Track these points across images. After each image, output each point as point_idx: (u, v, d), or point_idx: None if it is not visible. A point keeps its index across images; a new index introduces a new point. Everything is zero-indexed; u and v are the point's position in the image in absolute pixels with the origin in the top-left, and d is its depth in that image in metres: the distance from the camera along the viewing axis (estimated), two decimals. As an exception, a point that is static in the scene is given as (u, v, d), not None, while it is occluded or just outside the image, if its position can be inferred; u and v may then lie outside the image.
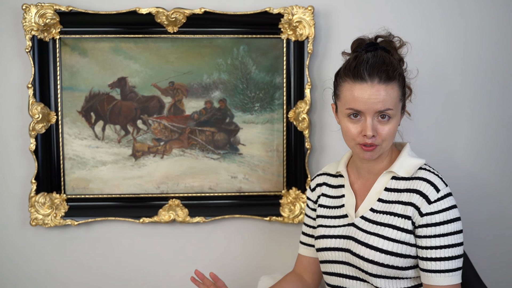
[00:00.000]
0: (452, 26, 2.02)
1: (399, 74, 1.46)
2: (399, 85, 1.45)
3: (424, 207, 1.43)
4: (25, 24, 1.90)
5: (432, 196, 1.43)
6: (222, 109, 2.02)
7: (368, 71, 1.42)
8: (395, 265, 1.44)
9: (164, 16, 1.94)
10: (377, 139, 1.44)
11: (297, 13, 1.94)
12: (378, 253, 1.44)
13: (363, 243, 1.47)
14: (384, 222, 1.47)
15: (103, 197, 2.02)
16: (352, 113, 1.45)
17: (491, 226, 2.08)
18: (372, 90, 1.41)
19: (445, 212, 1.42)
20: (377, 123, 1.44)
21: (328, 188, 1.65)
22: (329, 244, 1.54)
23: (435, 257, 1.41)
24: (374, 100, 1.41)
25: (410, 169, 1.49)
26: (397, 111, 1.46)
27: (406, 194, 1.47)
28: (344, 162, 1.62)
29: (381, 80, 1.42)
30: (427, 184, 1.45)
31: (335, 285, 1.56)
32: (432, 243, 1.42)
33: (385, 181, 1.51)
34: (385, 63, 1.44)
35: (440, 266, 1.41)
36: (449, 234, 1.42)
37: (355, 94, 1.43)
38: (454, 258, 1.41)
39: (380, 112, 1.43)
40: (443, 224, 1.42)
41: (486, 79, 2.03)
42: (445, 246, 1.41)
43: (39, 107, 1.94)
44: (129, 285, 2.08)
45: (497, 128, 2.05)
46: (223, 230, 2.08)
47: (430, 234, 1.42)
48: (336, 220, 1.57)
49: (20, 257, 2.05)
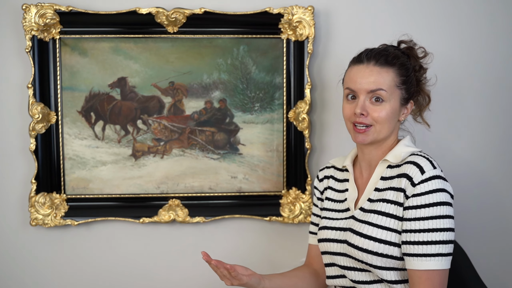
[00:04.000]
0: (452, 25, 2.02)
1: (400, 64, 1.50)
2: (397, 73, 1.49)
3: (409, 189, 1.42)
4: (25, 24, 1.90)
5: (416, 178, 1.42)
6: (222, 109, 2.02)
7: (367, 55, 1.51)
8: (389, 254, 1.43)
9: (164, 16, 1.94)
10: (367, 119, 1.47)
11: (297, 13, 1.94)
12: (372, 242, 1.44)
13: (358, 233, 1.47)
14: (377, 210, 1.47)
15: (103, 197, 2.02)
16: (349, 94, 1.51)
17: (493, 224, 2.09)
18: (366, 70, 1.48)
19: (429, 195, 1.40)
20: (369, 104, 1.48)
21: (334, 182, 1.66)
22: (329, 235, 1.56)
23: (416, 241, 1.38)
24: (366, 79, 1.47)
25: (401, 155, 1.49)
26: (391, 96, 1.47)
27: (396, 179, 1.47)
28: (351, 157, 1.64)
29: (377, 62, 1.48)
30: (413, 166, 1.44)
31: (336, 275, 1.57)
32: (414, 226, 1.39)
33: (381, 171, 1.53)
34: (387, 51, 1.51)
35: (421, 250, 1.38)
36: (432, 218, 1.38)
37: (352, 74, 1.51)
38: (437, 243, 1.37)
39: (372, 92, 1.47)
40: (426, 207, 1.39)
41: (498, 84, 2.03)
42: (428, 230, 1.38)
43: (39, 107, 1.94)
44: (129, 285, 2.08)
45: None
46: (223, 230, 2.08)
47: (413, 216, 1.40)
48: (338, 214, 1.58)
49: (20, 257, 2.05)
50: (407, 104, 1.54)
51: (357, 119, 1.48)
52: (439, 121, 2.00)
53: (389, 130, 1.51)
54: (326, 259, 1.59)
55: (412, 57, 1.57)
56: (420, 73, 1.59)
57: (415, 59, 1.58)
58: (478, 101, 2.04)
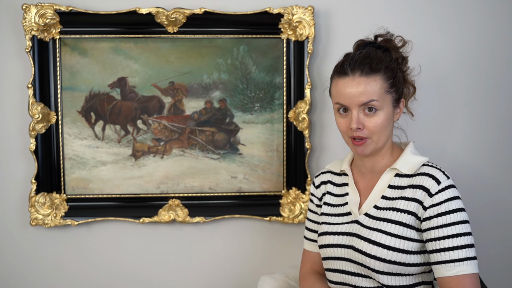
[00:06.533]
0: (452, 24, 2.02)
1: (385, 67, 1.48)
2: (384, 78, 1.47)
3: (427, 200, 1.44)
4: (25, 24, 1.90)
5: (433, 189, 1.44)
6: (222, 109, 2.02)
7: (351, 66, 1.47)
8: (397, 261, 1.44)
9: (164, 16, 1.94)
10: (364, 132, 1.47)
11: (297, 13, 1.94)
12: (381, 248, 1.44)
13: (366, 239, 1.47)
14: (387, 218, 1.47)
15: (103, 197, 2.02)
16: (340, 108, 1.49)
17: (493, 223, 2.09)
18: (353, 83, 1.45)
19: (447, 203, 1.42)
20: (363, 116, 1.46)
21: (332, 187, 1.66)
22: (332, 240, 1.55)
23: (444, 248, 1.40)
24: (356, 93, 1.45)
25: (413, 166, 1.50)
26: (384, 103, 1.47)
27: (410, 190, 1.47)
28: (348, 160, 1.63)
29: (363, 73, 1.45)
30: (429, 178, 1.46)
31: (337, 281, 1.56)
32: (438, 234, 1.41)
33: (389, 179, 1.52)
34: (369, 57, 1.47)
35: (450, 256, 1.39)
36: (455, 224, 1.41)
37: (339, 89, 1.48)
38: (463, 247, 1.39)
39: (365, 104, 1.45)
40: (447, 214, 1.41)
41: (485, 77, 2.03)
42: (452, 235, 1.40)
43: (39, 107, 1.94)
44: (129, 285, 2.08)
45: (496, 125, 2.05)
46: (223, 230, 2.08)
47: (436, 225, 1.42)
48: (339, 218, 1.58)
49: (20, 257, 2.05)
50: (399, 104, 1.54)
51: (354, 134, 1.47)
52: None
53: (387, 137, 1.51)
54: (328, 264, 1.58)
55: (391, 49, 1.55)
56: (403, 64, 1.57)
57: (395, 51, 1.56)
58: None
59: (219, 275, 2.10)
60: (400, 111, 1.54)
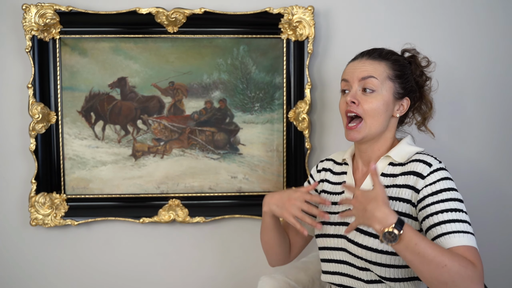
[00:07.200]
0: (453, 27, 2.02)
1: (394, 60, 1.53)
2: (391, 67, 1.52)
3: (420, 183, 1.44)
4: (25, 24, 1.90)
5: (425, 171, 1.44)
6: (222, 109, 2.02)
7: (363, 53, 1.57)
8: (390, 251, 1.43)
9: (164, 16, 1.94)
10: (358, 109, 1.50)
11: (297, 13, 1.94)
12: (372, 238, 1.44)
13: (358, 229, 1.48)
14: None
15: (103, 197, 2.02)
16: (343, 88, 1.56)
17: (493, 224, 2.09)
18: (359, 63, 1.54)
19: (441, 182, 1.42)
20: (361, 94, 1.51)
21: (331, 175, 1.68)
22: (327, 230, 1.57)
23: (442, 220, 1.37)
24: (358, 69, 1.52)
25: (406, 155, 1.51)
26: (383, 87, 1.50)
27: (401, 177, 1.48)
28: (350, 151, 1.65)
29: (370, 56, 1.54)
30: (420, 163, 1.46)
31: (333, 271, 1.56)
32: (435, 209, 1.39)
33: (382, 167, 1.53)
34: (382, 49, 1.56)
35: (450, 228, 1.36)
36: (450, 200, 1.39)
37: (346, 69, 1.57)
38: (461, 221, 1.37)
39: (364, 79, 1.50)
40: (441, 192, 1.41)
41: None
42: (449, 210, 1.38)
43: (39, 107, 1.94)
44: (129, 285, 2.08)
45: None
46: (223, 230, 2.08)
47: (431, 202, 1.40)
48: (335, 207, 1.58)
49: (20, 257, 2.05)
50: (402, 100, 1.54)
51: (349, 108, 1.50)
52: (442, 127, 2.01)
53: (381, 124, 1.51)
54: (324, 254, 1.59)
55: (414, 64, 1.60)
56: (422, 79, 1.61)
57: (417, 66, 1.60)
58: (480, 106, 2.04)
59: (219, 275, 2.10)
60: (403, 108, 1.55)
